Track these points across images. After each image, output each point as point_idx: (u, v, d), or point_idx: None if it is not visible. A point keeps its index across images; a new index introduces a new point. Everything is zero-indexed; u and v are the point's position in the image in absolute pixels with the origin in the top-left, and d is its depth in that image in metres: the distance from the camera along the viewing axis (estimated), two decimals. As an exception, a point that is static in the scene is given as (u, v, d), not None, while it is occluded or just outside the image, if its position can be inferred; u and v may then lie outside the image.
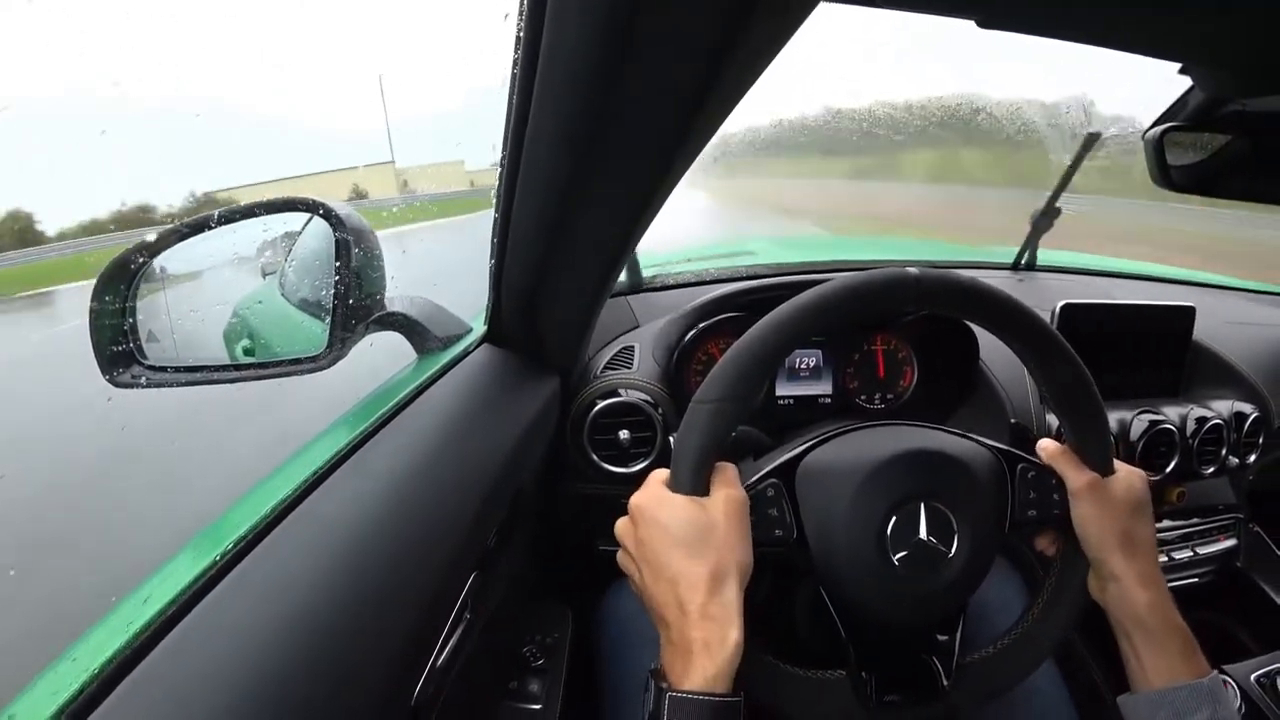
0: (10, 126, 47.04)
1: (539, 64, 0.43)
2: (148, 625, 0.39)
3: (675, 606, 0.51)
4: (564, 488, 1.04)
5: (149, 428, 2.92)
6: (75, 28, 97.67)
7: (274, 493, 0.52)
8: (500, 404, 0.76)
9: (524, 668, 0.90)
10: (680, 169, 0.53)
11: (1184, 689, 0.56)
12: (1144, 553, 0.61)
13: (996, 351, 1.04)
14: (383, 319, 0.76)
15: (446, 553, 0.58)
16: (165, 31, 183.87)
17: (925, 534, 0.57)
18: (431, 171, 13.99)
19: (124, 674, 0.36)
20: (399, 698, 0.52)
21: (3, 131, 46.69)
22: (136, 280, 0.68)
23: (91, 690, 0.35)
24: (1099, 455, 0.62)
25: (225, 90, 52.76)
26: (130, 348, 0.68)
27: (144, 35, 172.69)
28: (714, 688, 0.48)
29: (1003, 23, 0.37)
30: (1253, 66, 0.48)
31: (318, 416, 0.68)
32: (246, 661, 0.38)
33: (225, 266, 0.80)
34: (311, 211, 0.72)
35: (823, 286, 0.56)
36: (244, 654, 0.39)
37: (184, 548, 0.48)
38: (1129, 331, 1.11)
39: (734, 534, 0.53)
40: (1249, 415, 1.11)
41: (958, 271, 0.59)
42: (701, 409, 0.55)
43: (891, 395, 1.08)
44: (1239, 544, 1.19)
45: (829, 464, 0.60)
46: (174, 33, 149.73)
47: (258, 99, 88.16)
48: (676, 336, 1.01)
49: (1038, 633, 0.64)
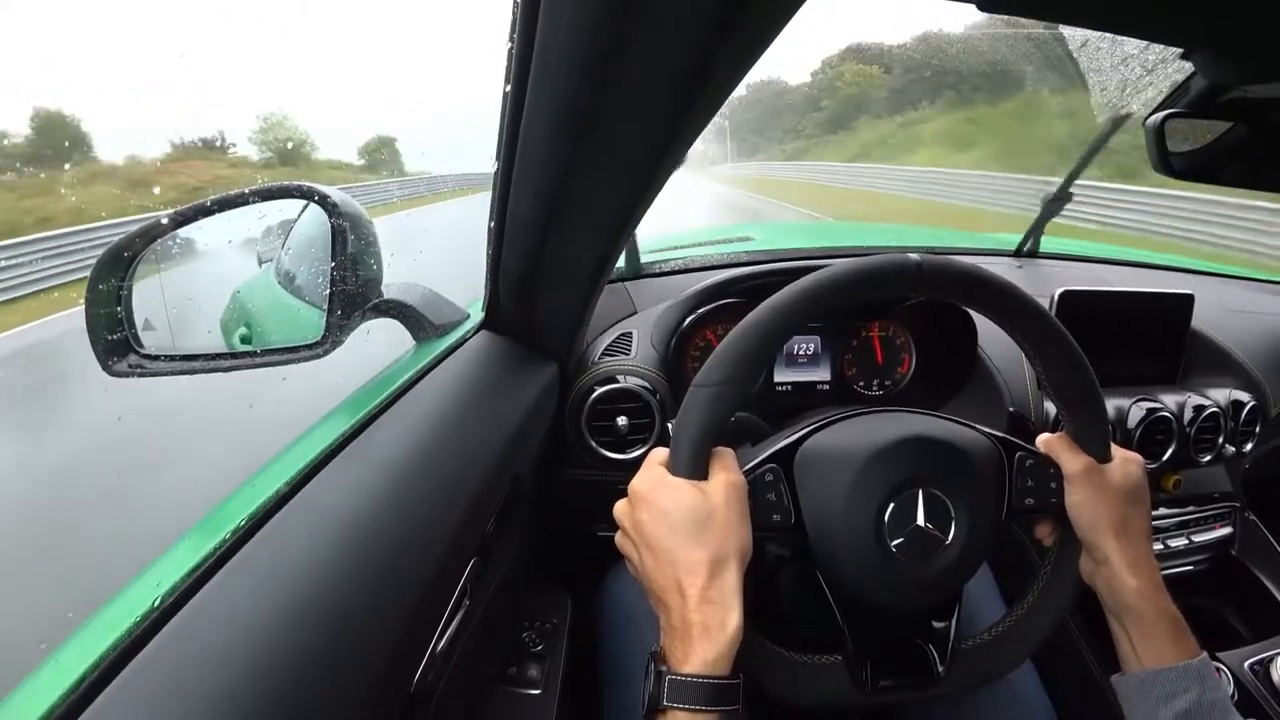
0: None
1: (535, 48, 0.42)
2: (147, 613, 0.39)
3: (675, 590, 0.51)
4: (562, 474, 1.04)
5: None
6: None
7: (272, 480, 0.52)
8: (498, 391, 0.76)
9: (523, 653, 0.91)
10: (677, 154, 0.53)
11: (1173, 670, 0.57)
12: (1138, 538, 0.61)
13: (995, 338, 1.04)
14: (380, 306, 0.76)
15: (445, 539, 0.58)
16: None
17: (923, 520, 0.57)
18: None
19: (125, 661, 0.36)
20: (398, 684, 0.52)
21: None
22: (132, 268, 0.67)
23: (93, 678, 0.36)
24: (1096, 442, 0.62)
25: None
26: (126, 336, 0.68)
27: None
28: (713, 671, 0.49)
29: (1004, 6, 0.37)
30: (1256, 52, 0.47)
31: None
32: (246, 649, 0.39)
33: (222, 254, 0.80)
34: (307, 198, 0.71)
35: (823, 271, 0.56)
36: (243, 641, 0.39)
37: (183, 536, 0.48)
38: (1127, 319, 1.11)
39: (733, 519, 0.53)
40: (1246, 403, 1.11)
41: (958, 258, 0.59)
42: (701, 393, 0.55)
43: (890, 382, 1.08)
44: (1234, 532, 1.20)
45: (827, 450, 0.60)
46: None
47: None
48: (674, 323, 1.01)
49: (1032, 619, 0.64)
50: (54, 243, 7.39)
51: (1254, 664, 0.97)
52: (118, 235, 0.65)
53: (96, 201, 10.96)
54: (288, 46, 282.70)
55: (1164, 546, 1.14)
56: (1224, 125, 0.70)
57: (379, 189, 12.25)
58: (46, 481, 3.06)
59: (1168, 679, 0.57)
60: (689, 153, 0.57)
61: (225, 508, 0.50)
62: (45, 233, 7.65)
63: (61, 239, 7.42)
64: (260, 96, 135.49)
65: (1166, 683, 0.57)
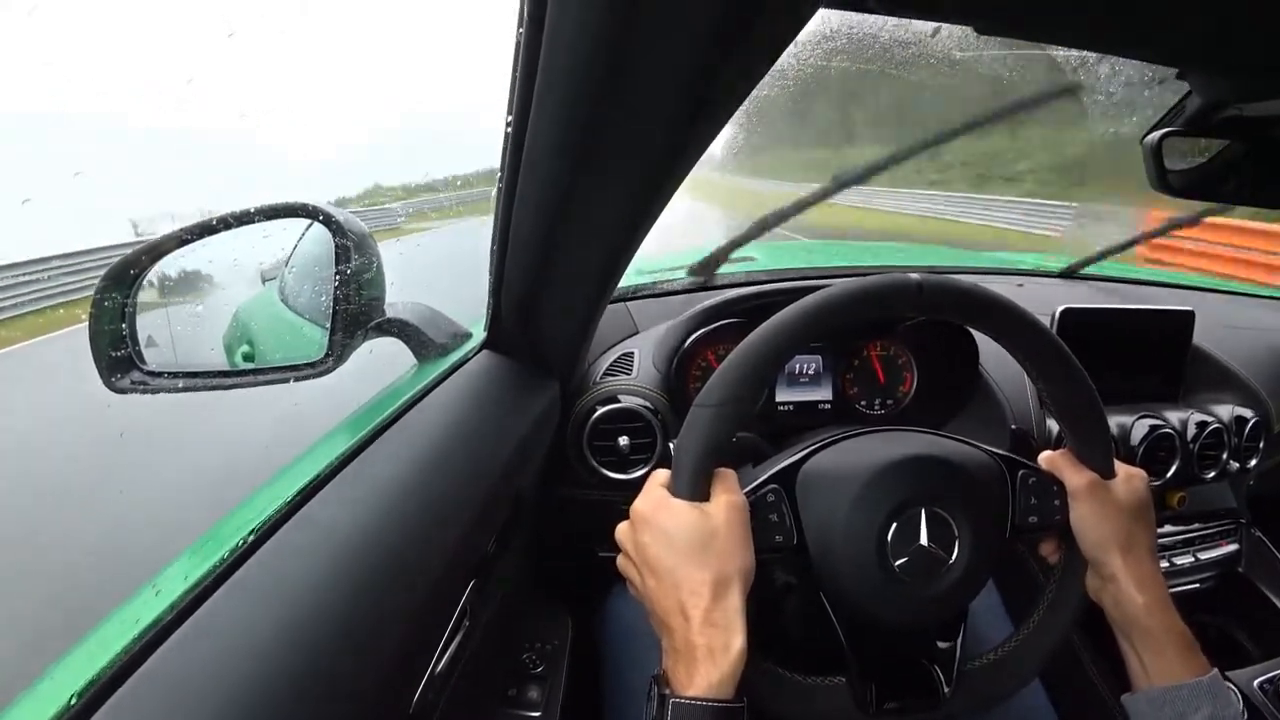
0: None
1: (538, 70, 0.43)
2: (146, 630, 0.39)
3: (678, 613, 0.51)
4: (564, 494, 1.03)
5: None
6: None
7: (273, 498, 0.52)
8: (500, 410, 0.76)
9: (523, 675, 0.90)
10: (679, 175, 0.54)
11: (1185, 688, 0.56)
12: (1143, 554, 0.61)
13: (996, 357, 1.04)
14: (382, 325, 0.76)
15: (446, 559, 0.57)
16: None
17: (926, 540, 0.57)
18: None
19: (122, 679, 0.36)
20: (397, 705, 0.51)
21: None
22: (137, 285, 0.68)
23: (90, 695, 0.35)
24: (1100, 458, 0.62)
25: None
26: (130, 353, 0.68)
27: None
28: (717, 694, 0.48)
29: (1001, 28, 0.38)
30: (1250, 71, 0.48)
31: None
32: (243, 667, 0.38)
33: (226, 272, 0.80)
34: (311, 218, 0.72)
35: (825, 291, 0.56)
36: (241, 660, 0.39)
37: (182, 552, 0.48)
38: (1128, 336, 1.11)
39: (735, 540, 0.53)
40: (1249, 419, 1.11)
41: (958, 277, 0.59)
42: (702, 413, 0.55)
43: (891, 401, 1.08)
44: (1240, 549, 1.19)
45: (829, 470, 0.60)
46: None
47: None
48: (676, 342, 1.01)
49: (1038, 638, 0.63)
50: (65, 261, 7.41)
51: (1264, 683, 0.96)
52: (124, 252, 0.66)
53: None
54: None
55: (1170, 564, 1.13)
56: (1221, 143, 0.70)
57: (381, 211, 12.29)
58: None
59: (1179, 697, 0.56)
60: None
61: (226, 524, 0.50)
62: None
63: (72, 257, 7.43)
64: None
65: (1178, 700, 0.56)
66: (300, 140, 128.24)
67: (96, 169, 20.45)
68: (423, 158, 48.96)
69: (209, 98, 31.27)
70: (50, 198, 2.41)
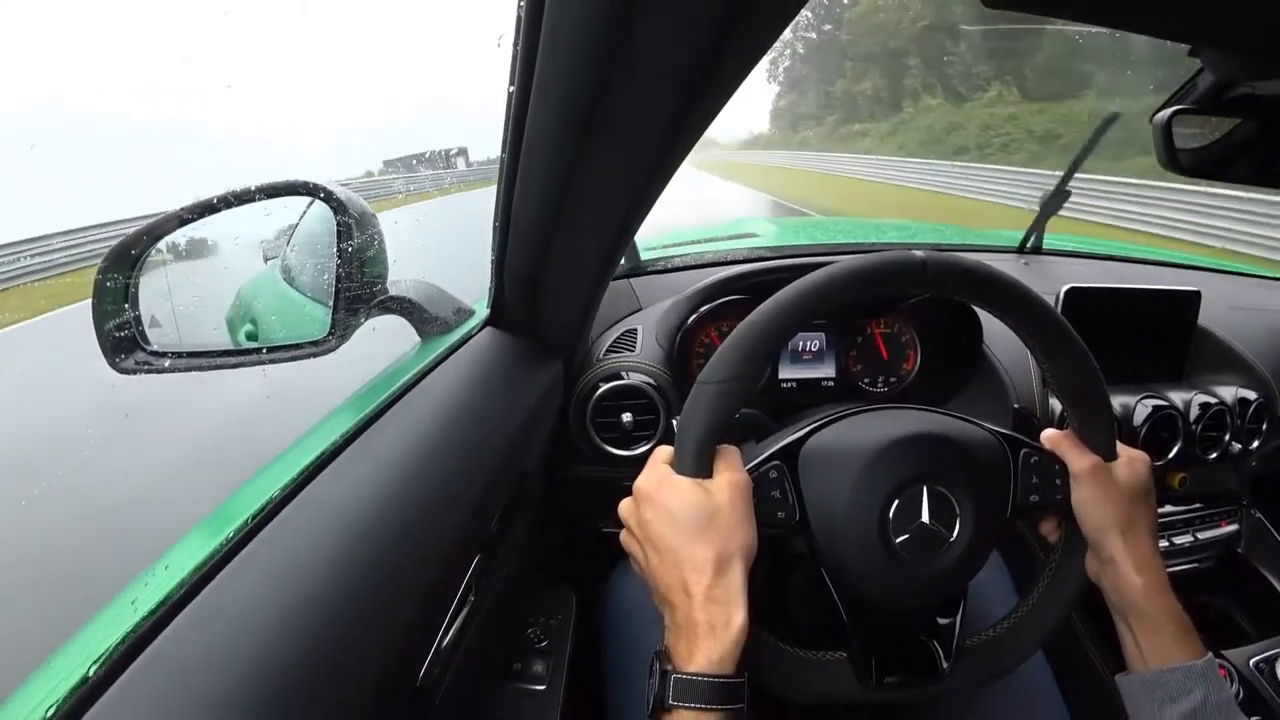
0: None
1: (540, 46, 0.42)
2: (154, 609, 0.40)
3: (680, 589, 0.51)
4: (567, 470, 1.04)
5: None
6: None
7: (278, 477, 0.52)
8: (503, 388, 0.76)
9: (528, 649, 0.91)
10: (683, 150, 0.53)
11: (1178, 671, 0.57)
12: (1143, 537, 0.61)
13: (1000, 335, 1.04)
14: (385, 303, 0.76)
15: (450, 536, 0.58)
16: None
17: (927, 517, 0.57)
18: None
19: (132, 657, 0.37)
20: (404, 679, 0.52)
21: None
22: (139, 265, 0.68)
23: (100, 674, 0.36)
24: (1102, 439, 0.62)
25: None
26: (133, 333, 0.68)
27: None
28: (718, 669, 0.49)
29: (1010, 2, 0.37)
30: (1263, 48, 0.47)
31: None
32: (252, 645, 0.39)
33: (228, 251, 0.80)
34: (312, 195, 0.71)
35: (829, 269, 0.56)
36: (249, 637, 0.39)
37: (189, 532, 0.49)
38: (1133, 316, 1.11)
39: (738, 517, 0.53)
40: (1253, 401, 1.10)
41: (963, 255, 0.59)
42: (705, 390, 0.55)
43: (894, 378, 1.08)
44: (1240, 530, 1.19)
45: (832, 447, 0.60)
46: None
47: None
48: (679, 319, 1.01)
49: (1036, 616, 0.64)
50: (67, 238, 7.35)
51: (1259, 662, 0.97)
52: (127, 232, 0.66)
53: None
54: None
55: (1169, 544, 1.13)
56: (1232, 121, 0.69)
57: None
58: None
59: (1173, 679, 0.57)
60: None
61: (231, 503, 0.51)
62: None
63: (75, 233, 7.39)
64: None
65: (1172, 683, 0.56)
66: (295, 127, 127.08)
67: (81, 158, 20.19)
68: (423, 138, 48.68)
69: (202, 77, 30.83)
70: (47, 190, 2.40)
